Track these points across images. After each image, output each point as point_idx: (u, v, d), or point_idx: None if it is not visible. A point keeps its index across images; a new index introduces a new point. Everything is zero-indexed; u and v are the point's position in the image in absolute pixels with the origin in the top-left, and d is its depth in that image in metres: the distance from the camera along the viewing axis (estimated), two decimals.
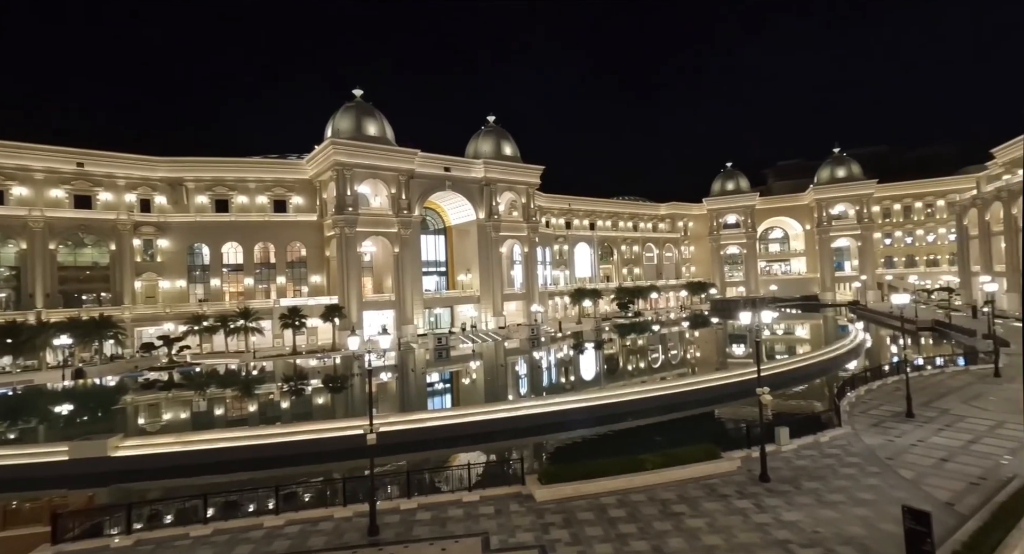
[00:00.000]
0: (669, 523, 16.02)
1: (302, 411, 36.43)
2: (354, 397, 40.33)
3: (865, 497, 17.10)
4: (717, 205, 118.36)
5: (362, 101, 72.49)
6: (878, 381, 32.88)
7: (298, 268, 73.49)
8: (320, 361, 57.53)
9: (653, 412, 31.93)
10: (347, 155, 66.80)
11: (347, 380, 47.08)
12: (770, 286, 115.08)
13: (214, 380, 49.26)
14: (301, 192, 74.23)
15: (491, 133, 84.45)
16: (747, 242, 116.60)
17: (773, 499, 17.34)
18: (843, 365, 44.87)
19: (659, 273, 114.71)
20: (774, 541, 14.62)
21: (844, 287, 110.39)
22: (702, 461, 20.02)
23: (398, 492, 19.63)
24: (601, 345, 64.99)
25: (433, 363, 55.23)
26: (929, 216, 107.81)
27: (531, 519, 16.75)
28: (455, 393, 43.10)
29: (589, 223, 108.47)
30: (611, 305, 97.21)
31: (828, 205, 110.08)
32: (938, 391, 30.76)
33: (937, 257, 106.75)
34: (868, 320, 77.69)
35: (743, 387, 33.43)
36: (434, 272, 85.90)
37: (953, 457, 20.38)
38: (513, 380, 45.73)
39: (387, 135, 72.34)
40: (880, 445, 22.06)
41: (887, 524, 14.88)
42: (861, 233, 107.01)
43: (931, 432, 23.46)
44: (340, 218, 66.57)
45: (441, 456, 26.44)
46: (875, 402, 28.99)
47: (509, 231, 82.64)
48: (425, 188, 75.52)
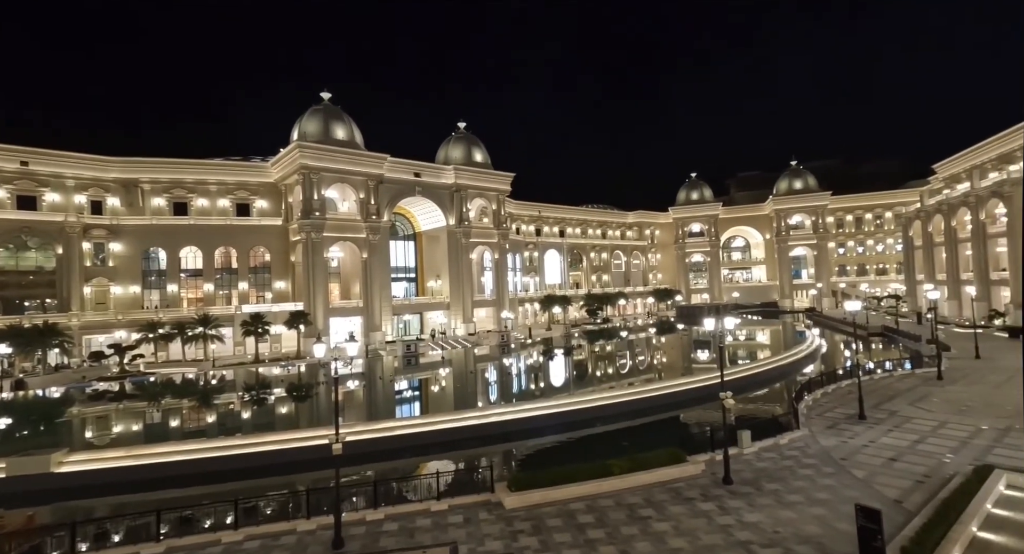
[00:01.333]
0: (636, 527, 16.24)
1: (264, 421, 35.23)
2: (319, 406, 39.28)
3: (821, 497, 17.78)
4: (682, 214, 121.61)
5: (330, 104, 71.39)
6: (833, 385, 34.28)
7: (262, 273, 71.35)
8: (284, 369, 55.87)
9: (621, 417, 32.35)
10: (314, 159, 65.53)
11: (312, 389, 45.85)
12: (733, 293, 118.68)
13: (170, 390, 47.14)
14: (265, 196, 72.29)
15: (461, 139, 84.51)
16: (711, 250, 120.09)
17: (736, 501, 17.82)
18: (801, 369, 46.63)
19: (627, 280, 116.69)
20: (736, 542, 15.02)
21: (801, 294, 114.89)
22: (668, 465, 20.41)
23: (364, 503, 19.21)
24: (570, 351, 65.51)
25: (402, 370, 54.43)
26: (878, 227, 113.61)
27: (500, 527, 16.68)
28: (424, 401, 42.57)
29: (559, 230, 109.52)
30: (580, 311, 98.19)
31: (786, 215, 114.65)
32: (887, 394, 32.32)
33: (886, 266, 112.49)
34: (823, 326, 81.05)
35: (707, 391, 34.28)
36: (403, 278, 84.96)
37: (901, 456, 21.44)
38: (483, 387, 45.54)
39: (356, 139, 71.40)
40: (835, 446, 22.99)
41: (842, 523, 15.50)
42: (817, 242, 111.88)
43: (881, 433, 24.61)
44: (306, 223, 65.10)
45: (409, 465, 26.05)
46: (830, 405, 30.23)
47: (479, 237, 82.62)
48: (395, 193, 74.75)
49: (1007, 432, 23.93)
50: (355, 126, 72.02)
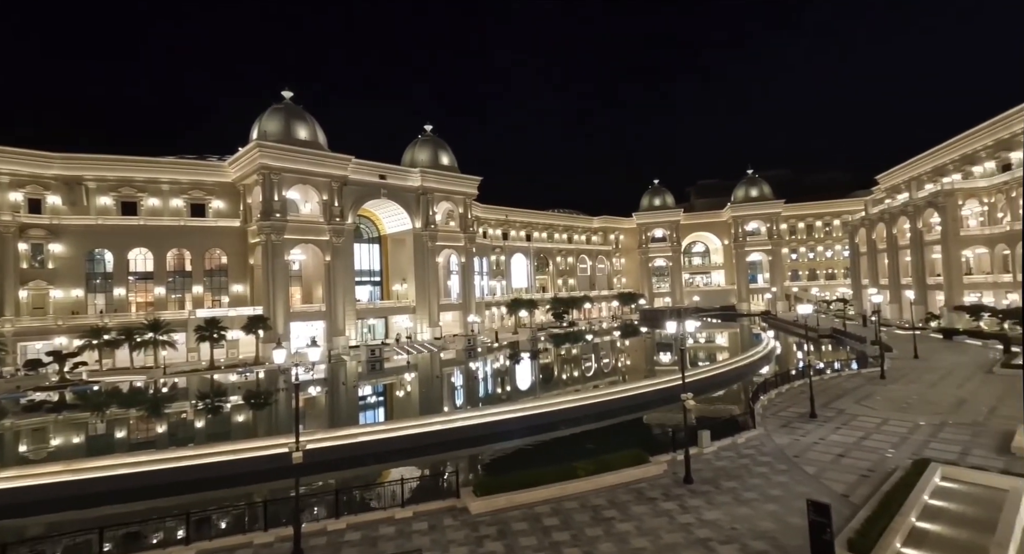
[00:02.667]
0: (600, 529, 16.46)
1: (220, 431, 33.82)
2: (278, 414, 38.02)
3: (775, 493, 18.50)
4: (645, 220, 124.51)
5: (292, 104, 69.60)
6: (787, 385, 35.77)
7: (218, 277, 68.59)
8: (241, 376, 53.81)
9: (586, 420, 32.73)
10: (274, 159, 63.65)
11: (271, 396, 44.34)
12: (693, 297, 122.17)
13: (115, 399, 44.58)
14: (223, 196, 69.64)
15: (428, 142, 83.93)
16: (673, 255, 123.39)
17: (696, 499, 18.32)
18: (757, 370, 48.41)
19: (592, 284, 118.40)
20: (696, 540, 15.43)
21: (757, 298, 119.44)
22: (631, 466, 20.79)
23: (326, 512, 18.73)
24: (537, 355, 65.87)
25: (366, 375, 53.38)
26: (828, 234, 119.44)
27: (465, 533, 16.57)
28: (388, 406, 41.89)
29: (526, 234, 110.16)
30: (547, 315, 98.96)
31: (743, 222, 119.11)
32: (836, 393, 33.97)
33: (834, 271, 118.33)
34: (778, 329, 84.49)
35: (670, 393, 35.11)
36: (368, 282, 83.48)
37: (848, 452, 22.56)
38: (449, 391, 45.19)
39: (319, 140, 69.83)
40: (788, 444, 23.98)
41: (794, 517, 16.16)
42: (771, 248, 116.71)
43: (830, 430, 25.84)
44: (266, 224, 63.09)
45: (374, 472, 25.52)
46: (784, 404, 31.51)
47: (446, 241, 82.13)
48: (359, 195, 73.45)
49: (941, 427, 25.57)
50: (318, 126, 70.45)
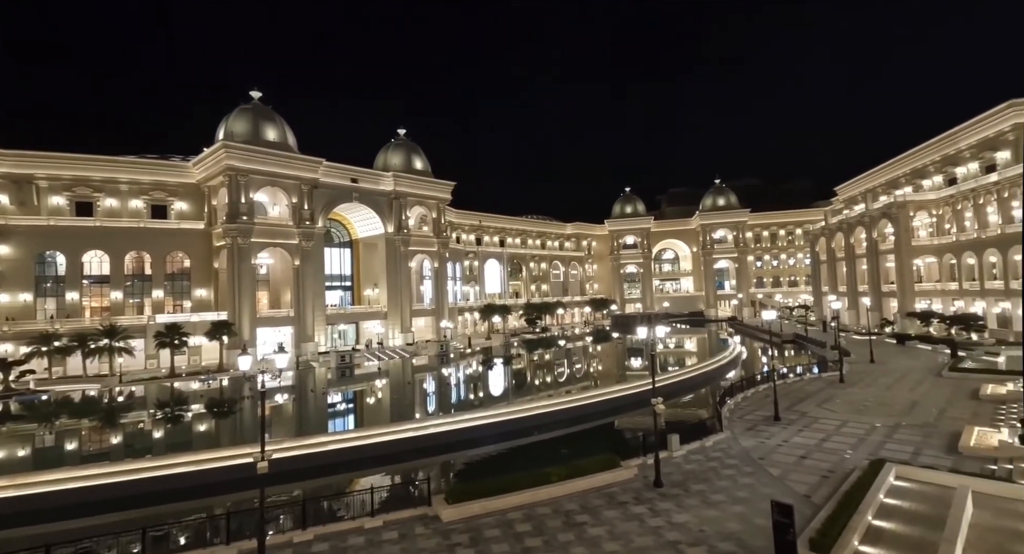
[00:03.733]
0: (572, 534, 16.53)
1: (180, 440, 32.51)
2: (243, 422, 36.84)
3: (742, 495, 18.97)
4: (617, 227, 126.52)
5: (260, 104, 68.02)
6: (752, 389, 36.77)
7: (180, 281, 66.16)
8: (204, 384, 51.90)
9: (559, 425, 32.88)
10: (242, 160, 62.00)
11: (236, 404, 42.93)
12: (663, 303, 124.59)
13: (66, 409, 42.36)
14: (186, 197, 67.31)
15: (401, 146, 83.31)
16: (643, 262, 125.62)
17: (666, 503, 18.62)
18: (724, 375, 49.60)
19: (565, 290, 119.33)
20: (666, 542, 15.67)
21: (725, 304, 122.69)
22: (603, 471, 20.97)
23: (292, 523, 18.20)
24: (510, 360, 65.85)
25: (335, 382, 52.28)
26: (790, 243, 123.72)
27: (437, 541, 16.38)
28: (359, 414, 41.09)
29: (499, 240, 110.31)
30: (520, 321, 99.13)
31: (711, 230, 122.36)
32: (798, 396, 35.11)
33: (797, 278, 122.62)
34: (744, 334, 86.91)
35: (641, 397, 35.60)
36: (338, 286, 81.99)
37: (810, 454, 23.35)
38: (421, 398, 44.70)
39: (288, 141, 68.44)
40: (754, 447, 24.65)
41: (759, 518, 16.60)
42: (737, 256, 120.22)
43: (793, 433, 26.69)
44: (232, 227, 61.30)
45: (343, 481, 24.99)
46: (750, 408, 32.39)
47: (419, 246, 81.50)
48: (330, 199, 72.24)
49: (896, 429, 26.75)
50: (288, 128, 69.05)
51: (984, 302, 59.18)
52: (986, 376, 37.70)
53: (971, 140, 65.33)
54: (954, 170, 69.02)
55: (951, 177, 69.50)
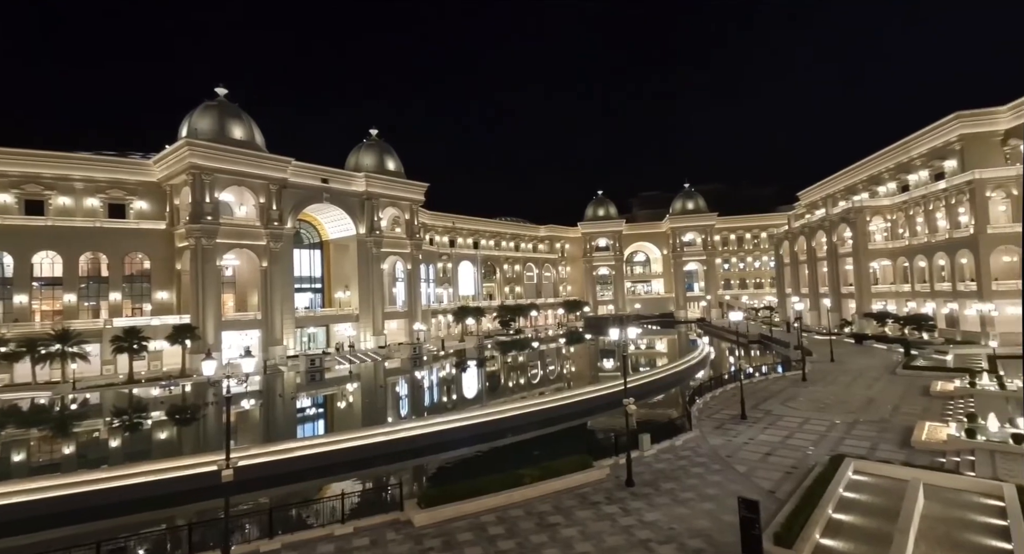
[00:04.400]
0: (545, 535, 16.61)
1: (139, 449, 31.19)
2: (207, 429, 35.65)
3: (710, 492, 19.43)
4: (590, 229, 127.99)
5: (226, 101, 66.08)
6: (720, 388, 37.73)
7: (139, 283, 63.58)
8: (165, 390, 49.93)
9: (532, 427, 33.01)
10: (206, 158, 60.07)
11: (199, 410, 41.47)
12: (635, 304, 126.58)
13: (13, 418, 40.02)
14: (146, 196, 64.75)
15: (373, 147, 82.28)
16: (615, 264, 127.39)
17: (637, 502, 18.91)
18: (694, 375, 50.70)
19: (539, 292, 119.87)
20: (637, 541, 15.91)
21: (694, 306, 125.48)
22: (576, 471, 21.14)
23: (259, 533, 17.69)
24: (483, 362, 65.72)
25: (305, 387, 51.11)
26: (756, 246, 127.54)
27: (409, 546, 16.21)
28: (329, 418, 40.31)
29: (473, 242, 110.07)
30: (494, 323, 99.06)
31: (680, 233, 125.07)
32: (764, 395, 36.22)
33: (762, 280, 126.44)
34: (712, 335, 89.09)
35: (613, 398, 36.13)
36: (308, 289, 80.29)
37: (774, 451, 24.11)
38: (393, 401, 44.17)
39: (256, 140, 66.71)
40: (722, 445, 25.29)
41: (727, 515, 17.03)
42: (706, 258, 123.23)
43: (759, 431, 27.51)
44: (196, 228, 59.28)
45: (312, 488, 24.45)
46: (718, 407, 33.23)
47: (391, 247, 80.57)
48: (300, 199, 70.71)
49: (854, 425, 27.90)
50: (255, 126, 67.31)
51: (934, 303, 62.33)
52: (936, 373, 39.75)
53: (922, 149, 68.85)
54: (907, 177, 72.57)
55: (904, 184, 73.03)
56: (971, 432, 23.07)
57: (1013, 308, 53.84)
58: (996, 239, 54.80)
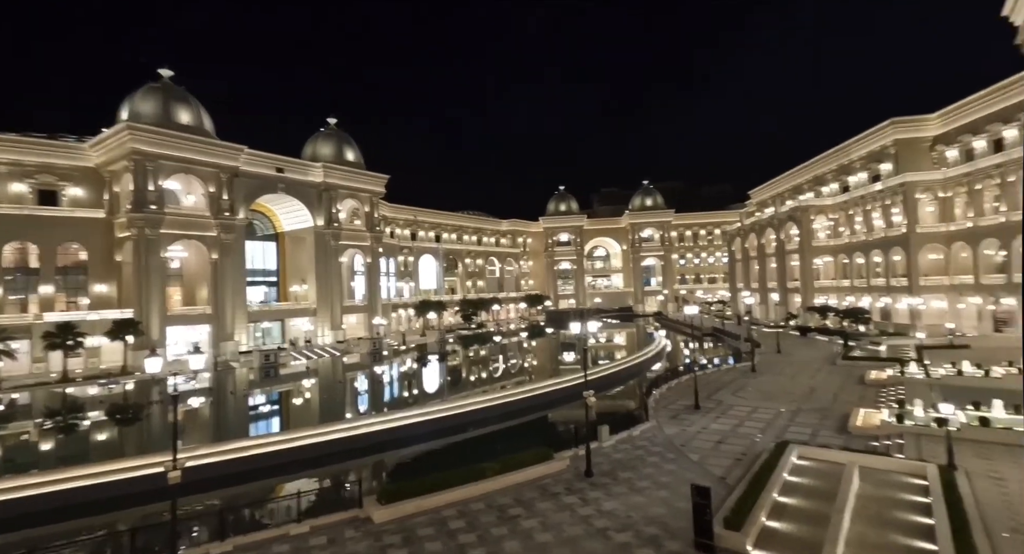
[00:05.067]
0: (506, 527, 16.78)
1: (75, 452, 29.28)
2: (151, 430, 33.89)
3: (665, 480, 20.14)
4: (552, 224, 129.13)
5: (171, 83, 62.38)
6: (675, 380, 39.05)
7: (74, 275, 59.42)
8: (104, 389, 47.07)
9: (494, 420, 33.13)
10: (149, 143, 56.64)
11: (142, 410, 39.33)
12: (595, 299, 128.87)
13: None
14: (82, 182, 60.40)
15: (332, 136, 79.85)
16: (576, 259, 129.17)
17: (596, 492, 19.37)
18: (651, 367, 52.19)
19: (501, 286, 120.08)
20: (595, 530, 16.32)
21: (651, 300, 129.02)
22: (537, 464, 21.43)
23: (209, 536, 17.04)
24: (445, 357, 65.33)
25: (258, 383, 49.33)
26: (710, 242, 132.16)
27: (368, 544, 16.02)
28: (284, 415, 39.11)
29: (435, 235, 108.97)
30: (455, 317, 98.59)
31: (639, 229, 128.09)
32: (716, 386, 37.74)
33: (715, 276, 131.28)
34: (668, 328, 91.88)
35: (574, 391, 36.76)
36: (262, 282, 77.33)
37: (725, 439, 25.21)
38: (352, 397, 43.31)
39: (205, 126, 63.41)
40: (676, 434, 26.22)
41: (681, 502, 17.69)
42: (663, 254, 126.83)
43: (711, 420, 28.68)
44: (139, 217, 55.92)
45: (267, 488, 23.69)
46: (673, 398, 34.38)
47: (351, 240, 78.64)
48: (252, 189, 67.84)
49: (798, 413, 29.52)
50: (204, 111, 63.93)
51: (870, 297, 66.58)
52: (870, 363, 42.53)
53: (861, 152, 73.08)
54: (847, 179, 76.89)
55: (845, 185, 77.37)
56: (900, 417, 24.90)
57: (938, 302, 58.31)
58: (924, 238, 59.01)
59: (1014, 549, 13.94)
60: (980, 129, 57.44)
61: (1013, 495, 17.34)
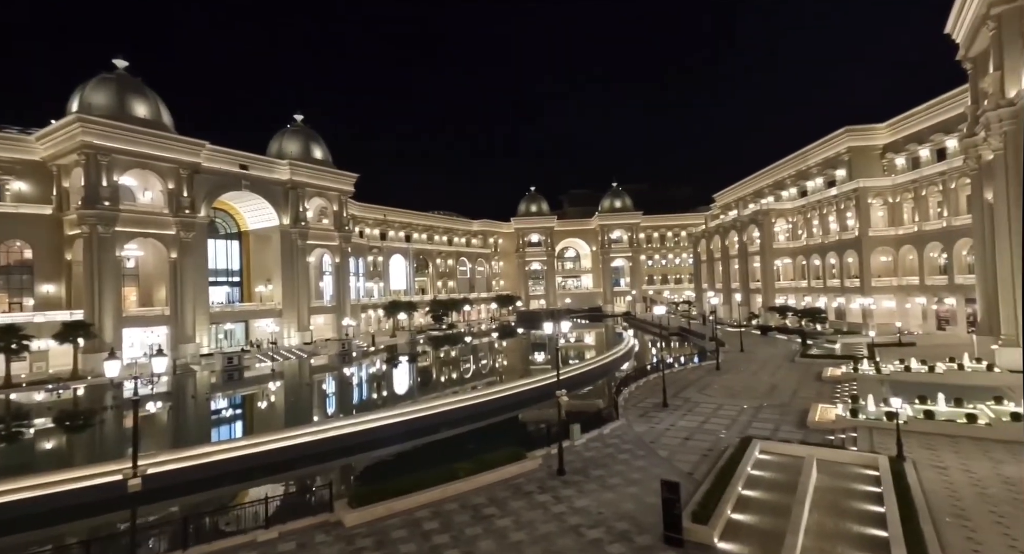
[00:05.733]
0: (480, 527, 16.83)
1: (20, 461, 27.61)
2: (104, 437, 32.37)
3: (636, 477, 20.59)
4: (523, 225, 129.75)
5: (127, 74, 59.60)
6: (644, 379, 39.89)
7: (19, 274, 56.03)
8: (52, 394, 44.60)
9: (466, 421, 33.11)
10: (102, 137, 53.99)
11: (95, 416, 37.49)
12: (565, 299, 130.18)
13: None
14: (27, 177, 57.09)
15: (298, 133, 77.97)
16: (547, 259, 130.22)
17: (568, 490, 19.63)
18: (620, 366, 53.15)
19: (472, 286, 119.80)
20: (568, 527, 16.56)
21: (620, 300, 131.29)
22: (510, 463, 21.53)
23: (169, 545, 16.43)
24: (415, 358, 64.76)
25: (221, 387, 47.75)
26: (676, 244, 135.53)
27: (340, 547, 15.79)
28: (248, 419, 38.01)
29: (405, 235, 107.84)
30: (426, 318, 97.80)
31: (608, 230, 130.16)
32: (683, 384, 38.76)
33: (682, 276, 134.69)
34: (637, 328, 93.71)
35: (546, 390, 37.18)
36: (225, 282, 74.88)
37: (692, 436, 25.95)
38: (320, 400, 42.44)
39: (163, 119, 60.85)
40: (646, 431, 26.82)
41: (651, 497, 18.12)
42: (632, 255, 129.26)
43: (679, 417, 29.47)
44: (91, 214, 53.22)
45: (233, 494, 23.00)
46: (642, 396, 35.12)
47: (318, 239, 76.97)
48: (215, 186, 65.55)
49: (760, 409, 30.66)
50: (162, 104, 61.31)
51: (826, 297, 69.68)
52: (827, 361, 44.55)
53: (817, 158, 76.46)
54: (805, 184, 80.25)
55: (803, 189, 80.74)
56: (854, 412, 26.23)
57: (888, 302, 61.55)
58: (875, 241, 62.19)
59: (955, 532, 14.94)
60: (925, 139, 61.01)
61: (955, 483, 18.55)
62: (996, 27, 33.82)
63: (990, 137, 35.57)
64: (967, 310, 51.48)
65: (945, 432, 23.75)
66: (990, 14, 33.91)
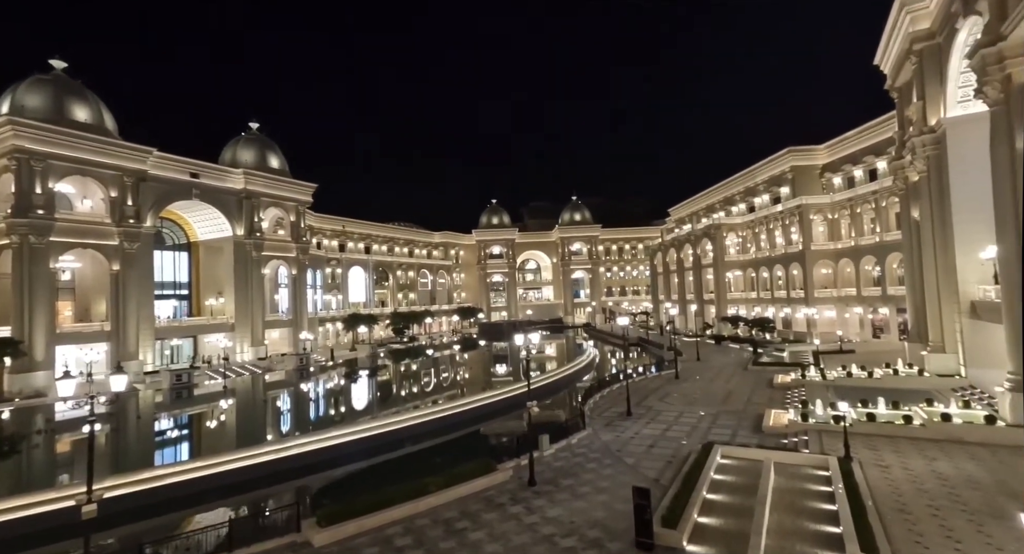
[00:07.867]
0: (454, 541, 16.74)
1: None
2: (32, 464, 29.95)
3: (604, 485, 21.01)
4: (484, 237, 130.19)
5: (64, 76, 56.26)
6: (608, 388, 40.65)
7: None
8: None
9: (432, 435, 32.75)
10: (35, 141, 50.55)
11: (22, 441, 34.54)
12: (527, 311, 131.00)
13: None
14: None
15: (253, 141, 75.64)
16: (508, 271, 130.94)
17: (539, 500, 19.81)
18: (583, 377, 53.95)
19: (433, 298, 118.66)
20: (542, 537, 16.72)
21: (581, 311, 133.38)
22: (480, 476, 21.50)
23: None
24: (376, 372, 63.38)
25: (168, 406, 45.12)
26: (634, 256, 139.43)
27: None
28: (197, 440, 36.12)
29: (364, 247, 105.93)
30: (387, 330, 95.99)
31: (569, 243, 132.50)
32: (644, 393, 39.78)
33: (639, 288, 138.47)
34: (597, 338, 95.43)
35: (511, 402, 37.36)
36: (172, 296, 71.02)
37: (656, 443, 26.73)
38: (276, 417, 40.87)
39: (106, 124, 57.73)
40: (612, 440, 27.40)
41: (620, 504, 18.58)
42: (591, 267, 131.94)
43: (643, 426, 30.25)
44: (22, 223, 49.54)
45: (190, 517, 21.77)
46: (607, 405, 35.83)
47: (274, 251, 74.49)
48: (163, 195, 62.43)
49: (718, 416, 31.93)
50: (104, 108, 58.18)
51: (774, 308, 73.46)
52: (776, 368, 46.89)
53: (764, 176, 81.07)
54: (754, 200, 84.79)
55: (752, 205, 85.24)
56: (805, 416, 27.79)
57: (829, 312, 65.55)
58: (817, 254, 66.30)
59: (898, 526, 16.14)
60: (859, 160, 65.97)
61: (896, 480, 20.01)
62: (918, 61, 37.25)
63: (915, 160, 38.94)
64: (899, 319, 55.57)
65: (885, 433, 25.53)
66: (912, 49, 37.33)
